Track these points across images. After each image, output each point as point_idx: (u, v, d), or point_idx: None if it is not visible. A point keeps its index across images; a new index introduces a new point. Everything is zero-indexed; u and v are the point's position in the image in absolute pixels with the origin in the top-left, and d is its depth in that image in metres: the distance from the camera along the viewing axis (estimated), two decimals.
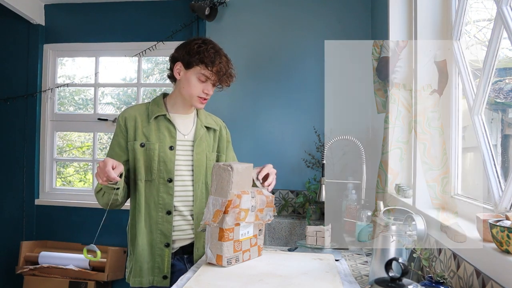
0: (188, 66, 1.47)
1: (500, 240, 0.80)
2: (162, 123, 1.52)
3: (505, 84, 1.17)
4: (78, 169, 3.91)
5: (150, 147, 1.48)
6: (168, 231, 1.47)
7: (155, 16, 3.05)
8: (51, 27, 3.17)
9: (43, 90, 3.16)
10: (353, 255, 1.59)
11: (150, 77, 3.53)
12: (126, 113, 1.53)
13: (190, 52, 1.46)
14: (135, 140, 1.49)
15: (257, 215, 1.30)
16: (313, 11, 2.78)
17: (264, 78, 2.80)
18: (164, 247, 1.47)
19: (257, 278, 1.14)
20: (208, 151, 1.58)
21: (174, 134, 1.51)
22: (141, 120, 1.51)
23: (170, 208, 1.48)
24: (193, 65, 1.46)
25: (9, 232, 3.13)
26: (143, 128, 1.50)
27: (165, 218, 1.48)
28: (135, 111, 1.53)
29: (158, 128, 1.51)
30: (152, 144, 1.48)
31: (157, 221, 1.47)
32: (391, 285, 0.80)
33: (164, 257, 1.47)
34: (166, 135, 1.50)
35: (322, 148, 2.42)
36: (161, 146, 1.48)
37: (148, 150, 1.48)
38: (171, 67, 1.53)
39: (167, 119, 1.52)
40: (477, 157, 1.22)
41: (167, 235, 1.47)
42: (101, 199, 1.45)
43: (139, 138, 1.49)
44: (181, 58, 1.48)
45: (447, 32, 1.44)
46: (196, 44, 1.47)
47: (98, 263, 2.80)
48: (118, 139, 1.51)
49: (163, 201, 1.48)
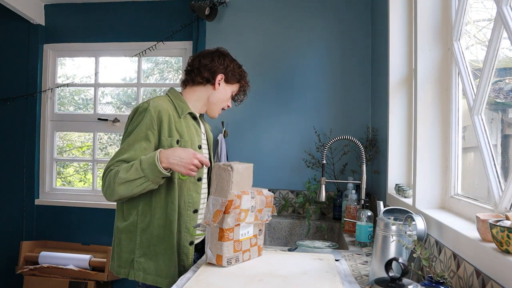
0: (228, 81, 1.60)
1: (500, 240, 0.80)
2: (190, 121, 1.53)
3: (505, 84, 1.17)
4: (78, 169, 3.91)
5: (185, 145, 1.47)
6: None
7: (155, 16, 3.05)
8: (51, 27, 3.17)
9: (43, 90, 3.16)
10: (353, 255, 1.59)
11: (150, 77, 3.53)
12: (159, 105, 1.43)
13: (235, 67, 1.61)
14: (171, 137, 1.43)
15: (256, 215, 1.30)
16: (313, 11, 2.78)
17: (264, 78, 2.80)
18: (189, 245, 1.49)
19: (257, 278, 1.14)
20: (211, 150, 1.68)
21: (200, 133, 1.56)
22: (173, 115, 1.47)
23: (197, 207, 1.50)
24: (233, 82, 1.61)
25: (9, 232, 3.13)
26: (176, 124, 1.46)
27: (192, 217, 1.49)
28: (166, 105, 1.46)
29: (187, 125, 1.51)
30: (186, 142, 1.47)
31: (185, 220, 1.48)
32: (391, 285, 0.81)
33: (189, 255, 1.49)
34: (194, 133, 1.53)
35: (322, 148, 2.42)
36: (193, 144, 1.49)
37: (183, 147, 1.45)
38: (213, 76, 1.56)
39: (193, 117, 1.55)
40: (477, 157, 1.22)
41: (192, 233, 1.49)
42: (130, 186, 1.34)
43: (174, 135, 1.44)
44: (227, 72, 1.59)
45: (447, 32, 1.44)
46: (236, 63, 1.63)
47: (98, 263, 2.80)
48: (145, 131, 1.40)
49: (192, 200, 1.49)
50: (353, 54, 2.74)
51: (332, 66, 2.76)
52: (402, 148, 1.96)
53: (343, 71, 2.75)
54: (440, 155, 1.44)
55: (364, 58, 2.72)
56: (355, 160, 2.64)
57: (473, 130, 1.20)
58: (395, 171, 1.96)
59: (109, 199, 1.40)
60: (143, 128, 1.40)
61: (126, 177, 1.32)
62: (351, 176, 2.61)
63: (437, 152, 1.44)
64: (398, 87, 1.97)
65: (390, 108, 1.98)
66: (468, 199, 1.25)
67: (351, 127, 2.70)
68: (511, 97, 1.16)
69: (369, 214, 1.78)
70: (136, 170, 1.32)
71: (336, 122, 2.73)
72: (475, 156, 1.34)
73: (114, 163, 1.40)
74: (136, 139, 1.40)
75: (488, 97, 1.16)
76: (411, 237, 1.08)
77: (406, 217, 1.17)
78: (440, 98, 1.44)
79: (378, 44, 2.44)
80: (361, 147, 2.19)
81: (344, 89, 2.74)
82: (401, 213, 1.24)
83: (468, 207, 1.21)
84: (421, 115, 1.45)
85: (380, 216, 1.22)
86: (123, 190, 1.34)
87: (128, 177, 1.32)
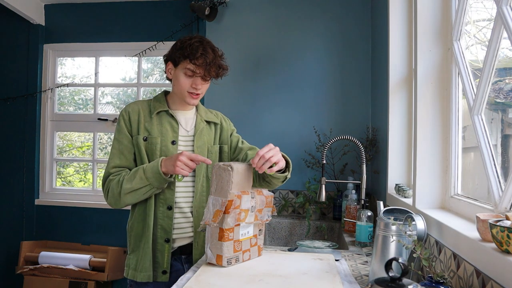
0: (175, 64, 1.50)
1: (500, 240, 0.80)
2: (165, 119, 1.54)
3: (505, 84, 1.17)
4: (78, 169, 3.92)
5: (152, 141, 1.49)
6: (169, 227, 1.48)
7: (155, 16, 3.05)
8: (51, 27, 3.17)
9: (43, 90, 3.16)
10: (353, 255, 1.59)
11: (150, 77, 3.53)
12: (130, 107, 1.54)
13: (175, 49, 1.49)
14: (138, 134, 1.50)
15: (256, 215, 1.30)
16: (313, 11, 2.78)
17: (264, 78, 2.80)
18: (164, 242, 1.48)
19: (257, 278, 1.14)
20: (210, 144, 1.59)
21: (177, 129, 1.53)
22: (143, 115, 1.53)
23: (171, 203, 1.48)
24: (179, 62, 1.48)
25: (9, 232, 3.13)
26: (146, 123, 1.52)
27: (166, 214, 1.49)
28: (138, 106, 1.55)
29: (160, 123, 1.52)
30: (154, 138, 1.49)
31: (158, 216, 1.48)
32: (391, 285, 0.80)
33: (164, 253, 1.48)
34: (169, 130, 1.52)
35: (322, 148, 2.42)
36: (163, 140, 1.50)
37: (150, 144, 1.49)
38: (165, 68, 1.56)
39: (169, 115, 1.54)
40: (477, 157, 1.22)
41: (168, 230, 1.48)
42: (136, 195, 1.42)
43: (142, 132, 1.50)
44: (169, 57, 1.52)
45: (447, 32, 1.44)
46: (180, 41, 1.49)
47: (98, 263, 2.80)
48: (124, 132, 1.51)
49: (164, 196, 1.48)
50: (353, 54, 2.74)
51: (332, 66, 2.76)
52: (402, 148, 1.96)
53: (343, 71, 2.75)
54: (440, 155, 1.44)
55: (364, 58, 2.72)
56: (355, 160, 2.64)
57: (473, 130, 1.20)
58: (395, 171, 1.96)
59: (115, 207, 1.50)
60: (121, 129, 1.52)
61: (132, 187, 1.41)
62: (351, 176, 2.61)
63: (437, 152, 1.44)
64: (398, 87, 1.97)
65: (390, 108, 1.98)
66: (468, 199, 1.25)
67: (351, 127, 2.70)
68: (511, 97, 1.16)
69: (369, 214, 1.78)
70: (141, 179, 1.40)
71: (336, 122, 2.73)
72: (475, 156, 1.34)
73: (110, 170, 1.49)
74: (120, 143, 1.51)
75: (488, 97, 1.16)
76: (411, 237, 1.08)
77: (406, 217, 1.17)
78: (440, 98, 1.44)
79: (378, 44, 2.44)
80: (361, 147, 2.19)
81: (344, 89, 2.74)
82: (401, 213, 1.24)
83: (468, 207, 1.21)
84: (421, 115, 1.45)
85: (380, 216, 1.22)
86: (130, 199, 1.45)
87: (133, 187, 1.41)
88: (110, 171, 1.48)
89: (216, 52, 1.50)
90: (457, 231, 1.02)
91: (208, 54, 1.45)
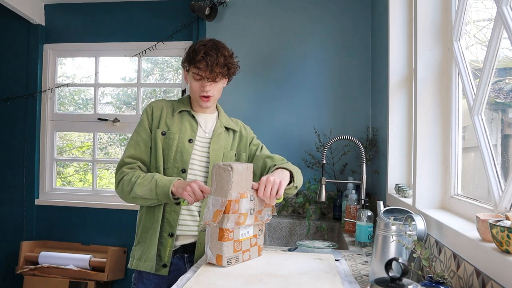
0: (187, 70, 1.58)
1: (500, 240, 0.80)
2: (186, 118, 1.60)
3: (505, 84, 1.17)
4: (78, 169, 3.92)
5: (170, 137, 1.54)
6: (174, 221, 1.51)
7: (155, 16, 3.05)
8: (51, 27, 3.17)
9: (43, 90, 3.16)
10: (353, 255, 1.59)
11: (150, 77, 3.53)
12: (154, 103, 1.62)
13: (185, 55, 1.57)
14: (158, 128, 1.56)
15: (256, 216, 1.30)
16: (313, 11, 2.78)
17: (264, 78, 2.80)
18: (168, 236, 1.51)
19: (257, 278, 1.14)
20: (226, 150, 1.62)
21: (196, 129, 1.58)
22: (166, 112, 1.59)
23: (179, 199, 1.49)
24: (188, 67, 1.55)
25: (9, 232, 3.13)
26: (167, 119, 1.58)
27: (173, 208, 1.52)
28: (162, 103, 1.62)
29: (181, 121, 1.58)
30: (173, 134, 1.55)
31: (166, 210, 1.52)
32: (391, 285, 0.80)
33: (167, 247, 1.51)
34: (188, 128, 1.57)
35: (322, 148, 2.42)
36: (180, 137, 1.55)
37: (168, 139, 1.54)
38: None
39: (190, 115, 1.60)
40: (477, 157, 1.22)
41: (173, 225, 1.51)
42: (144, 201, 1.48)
43: (162, 127, 1.56)
44: (182, 64, 1.60)
45: (447, 32, 1.44)
46: (190, 46, 1.57)
47: (98, 263, 2.80)
48: (144, 125, 1.58)
49: None
50: (353, 54, 2.74)
51: (332, 66, 2.76)
52: (402, 148, 1.96)
53: (343, 71, 2.75)
54: (440, 155, 1.44)
55: (364, 58, 2.72)
56: (355, 160, 2.64)
57: (473, 130, 1.20)
58: (395, 171, 1.96)
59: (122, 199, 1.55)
60: (141, 123, 1.59)
61: (142, 195, 1.46)
62: (351, 176, 2.61)
63: (437, 152, 1.44)
64: (398, 87, 1.97)
65: (390, 108, 1.98)
66: (468, 199, 1.25)
67: (351, 127, 2.70)
68: (511, 97, 1.16)
69: (369, 214, 1.78)
70: (151, 191, 1.43)
71: (336, 122, 2.73)
72: (475, 156, 1.34)
73: (125, 159, 1.54)
74: (138, 135, 1.57)
75: (488, 97, 1.16)
76: (411, 237, 1.08)
77: (406, 217, 1.17)
78: (440, 98, 1.44)
79: (378, 44, 2.44)
80: (361, 147, 2.19)
81: (344, 89, 2.74)
82: (401, 213, 1.24)
83: (468, 207, 1.21)
84: (421, 115, 1.45)
85: (380, 216, 1.22)
86: (137, 202, 1.51)
87: (143, 196, 1.46)
88: (125, 161, 1.54)
89: (222, 52, 1.52)
90: (457, 231, 1.02)
91: (210, 56, 1.48)
